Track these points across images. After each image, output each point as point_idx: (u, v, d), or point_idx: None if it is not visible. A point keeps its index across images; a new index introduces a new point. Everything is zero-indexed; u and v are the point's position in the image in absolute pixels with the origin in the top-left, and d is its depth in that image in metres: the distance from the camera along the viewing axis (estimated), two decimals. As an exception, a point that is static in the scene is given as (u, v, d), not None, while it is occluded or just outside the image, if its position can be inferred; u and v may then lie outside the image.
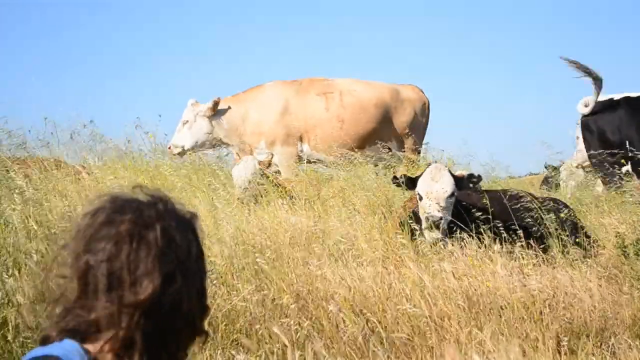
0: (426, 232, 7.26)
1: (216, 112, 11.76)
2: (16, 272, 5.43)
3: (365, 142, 11.72)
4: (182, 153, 11.72)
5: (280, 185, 9.44)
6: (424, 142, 12.35)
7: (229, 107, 11.89)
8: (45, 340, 2.16)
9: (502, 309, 5.82)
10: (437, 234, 7.21)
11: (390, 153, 11.78)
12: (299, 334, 5.47)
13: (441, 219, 7.17)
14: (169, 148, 11.68)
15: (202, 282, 2.25)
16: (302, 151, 11.80)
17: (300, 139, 11.78)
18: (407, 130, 12.00)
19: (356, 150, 11.29)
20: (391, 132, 12.02)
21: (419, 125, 12.21)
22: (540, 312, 5.83)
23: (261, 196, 8.92)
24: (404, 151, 11.91)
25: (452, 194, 7.36)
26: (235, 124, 11.81)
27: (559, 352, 5.59)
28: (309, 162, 11.81)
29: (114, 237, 2.15)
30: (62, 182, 7.95)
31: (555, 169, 12.14)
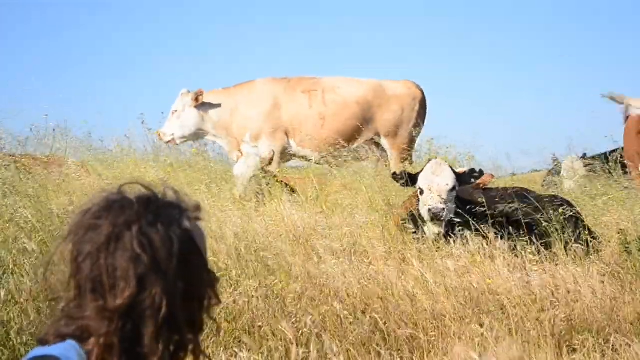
0: (427, 227, 7.27)
1: (204, 103, 11.84)
2: (17, 270, 5.44)
3: (349, 138, 11.77)
4: (171, 141, 11.82)
5: (283, 182, 9.46)
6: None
7: (219, 100, 11.96)
8: (42, 343, 2.16)
9: (504, 306, 5.82)
10: (438, 228, 7.23)
11: (379, 149, 11.84)
12: (301, 331, 5.48)
13: (443, 210, 7.19)
14: (159, 136, 11.79)
15: (190, 284, 2.18)
16: (289, 147, 11.88)
17: (287, 136, 11.86)
18: (394, 127, 12.01)
19: (341, 146, 11.36)
20: (377, 129, 12.04)
21: (408, 121, 12.18)
22: (542, 309, 5.83)
23: (262, 194, 8.93)
24: (394, 148, 11.94)
25: (454, 188, 7.38)
26: (223, 116, 11.90)
27: (560, 349, 5.59)
28: (290, 159, 11.94)
29: (96, 240, 2.13)
30: (65, 179, 7.96)
31: (558, 164, 12.13)
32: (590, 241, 7.21)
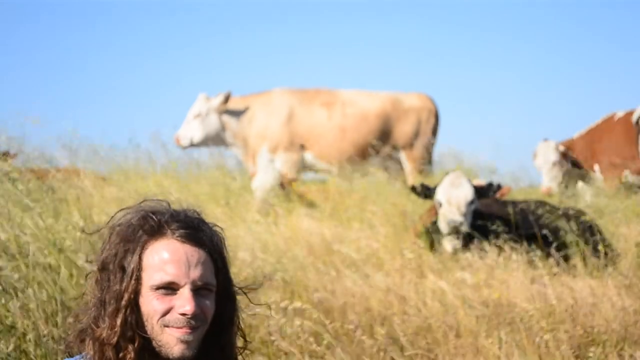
0: (446, 240, 7.29)
1: (227, 109, 11.81)
2: (33, 283, 5.45)
3: (367, 151, 11.80)
4: (189, 146, 11.77)
5: (301, 195, 9.49)
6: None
7: (237, 108, 11.95)
8: (70, 353, 2.20)
9: (521, 319, 5.82)
10: (456, 241, 7.24)
11: (396, 162, 11.87)
12: (317, 344, 5.49)
13: (461, 223, 7.21)
14: (177, 140, 11.73)
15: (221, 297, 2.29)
16: (307, 160, 11.89)
17: (304, 148, 11.86)
18: (411, 140, 12.04)
19: (360, 159, 11.40)
20: (395, 142, 12.06)
21: (424, 133, 12.22)
22: (560, 321, 5.82)
23: (280, 207, 8.95)
24: (411, 160, 11.98)
25: (472, 201, 7.40)
26: (242, 125, 11.89)
27: (579, 362, 5.58)
28: (307, 171, 11.96)
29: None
30: (83, 192, 7.99)
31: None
32: (607, 254, 7.21)
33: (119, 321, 2.13)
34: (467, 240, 7.27)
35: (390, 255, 7.04)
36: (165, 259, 2.16)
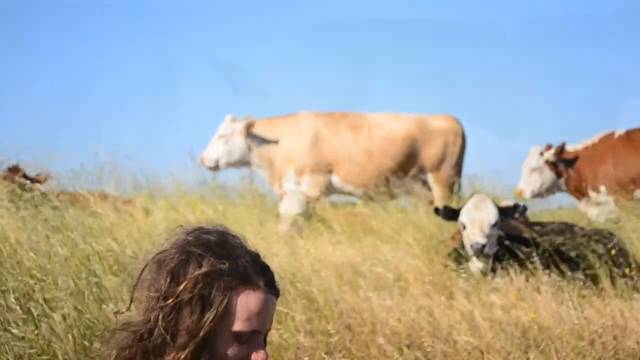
0: (471, 263, 7.27)
1: (251, 133, 11.85)
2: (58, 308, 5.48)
3: (395, 174, 11.79)
4: (214, 167, 11.83)
5: (325, 220, 9.50)
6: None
7: (263, 130, 11.98)
8: None
9: (551, 341, 5.80)
10: (482, 264, 7.22)
11: (422, 185, 11.86)
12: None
13: (485, 246, 7.17)
14: (202, 160, 11.79)
15: None
16: (333, 183, 11.90)
17: (331, 171, 11.88)
18: (438, 162, 12.04)
19: (387, 182, 11.40)
20: (422, 164, 12.07)
21: (452, 156, 12.21)
22: (590, 344, 5.79)
23: (307, 230, 8.98)
24: (438, 183, 11.98)
25: (496, 223, 7.36)
26: (267, 148, 11.93)
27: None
28: (333, 194, 11.97)
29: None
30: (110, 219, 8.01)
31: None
32: (637, 275, 7.16)
33: (188, 355, 2.15)
34: (493, 262, 7.25)
35: (419, 277, 7.04)
36: (255, 310, 2.22)
